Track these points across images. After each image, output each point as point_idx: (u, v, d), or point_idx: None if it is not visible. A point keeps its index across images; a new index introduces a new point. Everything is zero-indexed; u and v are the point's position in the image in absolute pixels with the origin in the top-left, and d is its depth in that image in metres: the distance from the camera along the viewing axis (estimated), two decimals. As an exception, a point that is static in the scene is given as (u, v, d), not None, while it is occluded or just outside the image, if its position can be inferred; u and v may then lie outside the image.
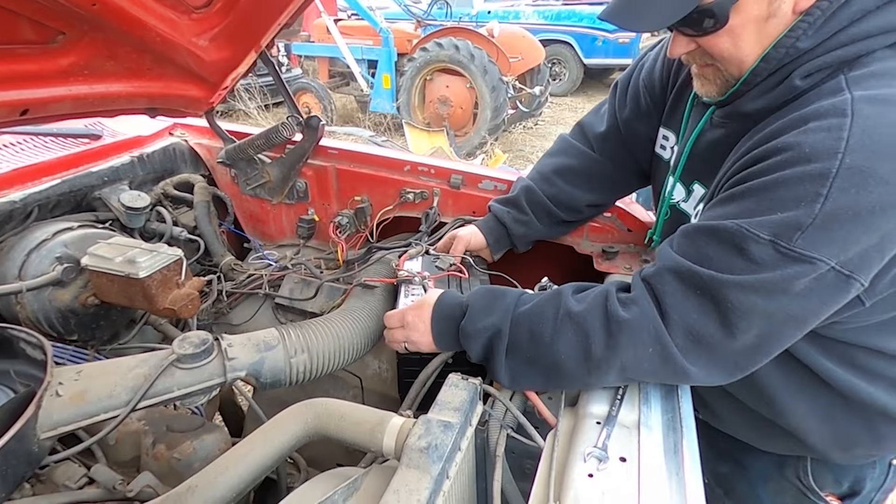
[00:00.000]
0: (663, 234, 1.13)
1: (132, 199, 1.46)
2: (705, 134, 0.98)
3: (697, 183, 1.00)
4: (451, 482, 0.74)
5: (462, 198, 1.50)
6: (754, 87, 0.84)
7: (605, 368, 0.82)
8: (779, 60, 0.79)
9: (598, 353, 0.81)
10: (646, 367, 0.81)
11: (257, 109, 6.83)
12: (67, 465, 0.93)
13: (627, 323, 0.80)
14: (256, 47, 1.36)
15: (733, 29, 0.78)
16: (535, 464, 0.95)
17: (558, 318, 0.86)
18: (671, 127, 1.13)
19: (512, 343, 0.89)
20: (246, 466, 0.77)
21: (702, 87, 0.92)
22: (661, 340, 0.78)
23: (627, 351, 0.80)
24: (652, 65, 1.18)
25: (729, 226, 0.75)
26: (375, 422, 0.79)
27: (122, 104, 1.29)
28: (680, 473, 0.71)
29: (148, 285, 1.12)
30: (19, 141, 1.47)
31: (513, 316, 0.90)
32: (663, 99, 1.16)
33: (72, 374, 0.89)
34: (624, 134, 1.24)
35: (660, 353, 0.79)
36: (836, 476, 1.06)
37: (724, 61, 0.84)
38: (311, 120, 1.56)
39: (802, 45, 0.77)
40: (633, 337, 0.80)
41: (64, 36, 1.01)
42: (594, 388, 0.88)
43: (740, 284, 0.73)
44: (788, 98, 0.80)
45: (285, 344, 1.04)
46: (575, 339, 0.83)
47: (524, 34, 6.63)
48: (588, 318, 0.83)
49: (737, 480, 1.18)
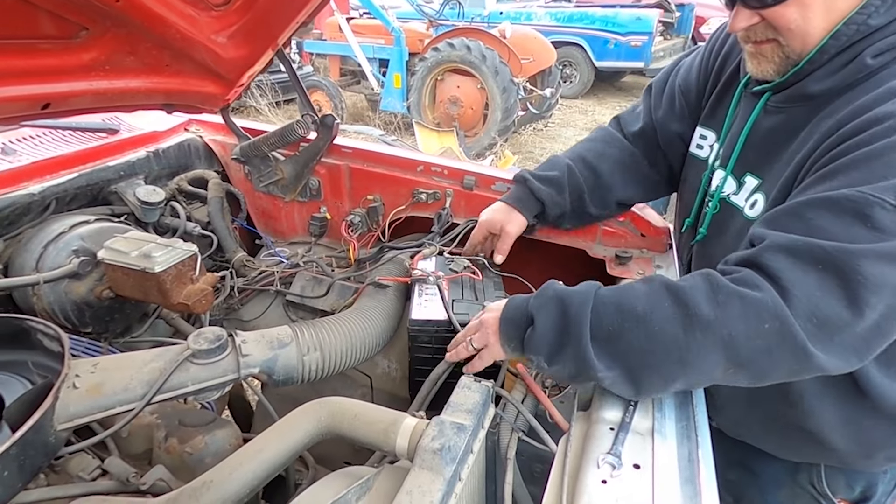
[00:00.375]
0: (711, 229, 1.07)
1: (147, 194, 1.47)
2: (760, 122, 0.95)
3: (749, 174, 0.97)
4: (463, 484, 0.74)
5: (475, 199, 1.50)
6: (820, 66, 0.81)
7: (708, 341, 0.71)
8: (849, 38, 0.77)
9: (703, 320, 0.71)
10: (758, 344, 0.70)
11: (268, 106, 6.86)
12: (81, 457, 0.93)
13: (740, 294, 0.71)
14: (273, 45, 1.36)
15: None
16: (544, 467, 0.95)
17: (652, 291, 0.77)
18: (711, 126, 1.12)
19: (594, 315, 0.78)
20: (260, 463, 0.77)
21: (758, 66, 0.89)
22: (781, 316, 0.69)
23: (738, 323, 0.70)
24: (689, 68, 1.19)
25: (849, 193, 0.69)
26: (389, 422, 0.79)
27: (140, 99, 1.30)
28: (695, 483, 0.70)
29: (163, 280, 1.13)
30: (38, 134, 1.49)
31: (598, 292, 0.81)
32: (699, 101, 1.16)
33: (88, 367, 0.90)
34: (659, 134, 1.25)
35: (778, 330, 0.69)
36: (848, 481, 1.05)
37: (788, 34, 0.81)
38: (326, 118, 1.57)
39: (874, 21, 0.75)
40: (746, 309, 0.70)
41: (87, 31, 1.02)
42: (690, 371, 0.74)
43: (871, 253, 0.67)
44: (858, 77, 0.78)
45: (298, 342, 1.04)
46: (673, 308, 0.74)
47: (536, 36, 6.61)
48: (689, 288, 0.74)
49: (747, 487, 1.17)
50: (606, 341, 0.77)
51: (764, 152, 0.94)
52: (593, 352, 0.77)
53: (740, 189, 0.99)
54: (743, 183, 0.99)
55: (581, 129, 7.53)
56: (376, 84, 6.82)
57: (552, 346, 0.81)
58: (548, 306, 0.82)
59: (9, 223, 1.25)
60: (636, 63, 8.53)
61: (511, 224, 1.25)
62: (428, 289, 1.20)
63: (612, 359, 0.77)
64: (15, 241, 1.26)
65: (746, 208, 0.97)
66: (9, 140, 1.42)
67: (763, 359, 0.72)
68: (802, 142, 0.85)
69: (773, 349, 0.71)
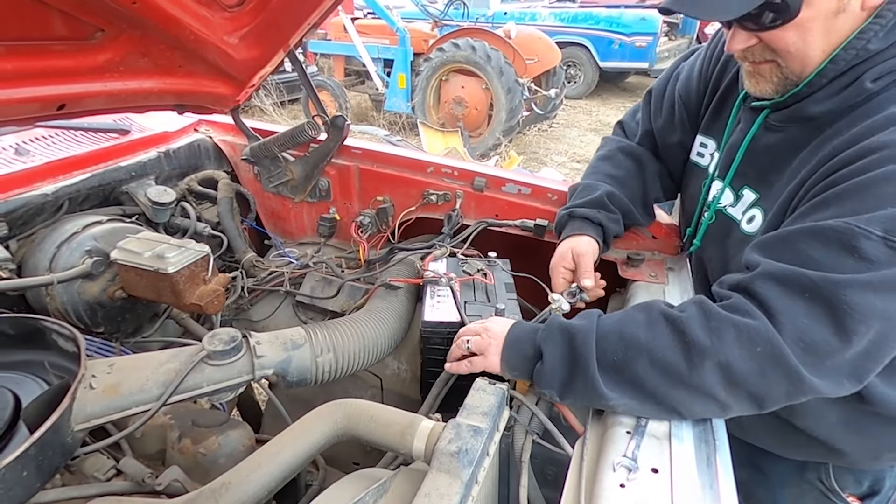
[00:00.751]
0: (706, 240, 1.09)
1: (158, 195, 1.47)
2: (759, 138, 0.95)
3: (748, 188, 0.98)
4: (480, 487, 0.74)
5: (485, 201, 1.50)
6: (819, 89, 0.82)
7: (707, 366, 0.74)
8: (848, 62, 0.78)
9: (699, 346, 0.74)
10: (753, 367, 0.73)
11: (273, 106, 6.87)
12: (96, 457, 0.94)
13: (731, 320, 0.75)
14: (285, 47, 1.36)
15: (802, 23, 0.76)
16: (557, 470, 0.95)
17: (651, 319, 0.80)
18: (711, 134, 1.12)
19: (598, 346, 0.80)
20: (277, 465, 0.77)
21: (756, 86, 0.89)
22: (773, 341, 0.72)
23: (732, 348, 0.73)
24: (688, 74, 1.18)
25: (835, 225, 0.71)
26: (405, 424, 0.79)
27: (152, 100, 1.30)
28: (714, 487, 0.70)
29: (176, 280, 1.13)
30: (51, 134, 1.50)
31: (599, 323, 0.83)
32: (699, 108, 1.15)
33: (104, 367, 0.90)
34: (658, 141, 1.25)
35: (770, 353, 0.72)
36: (856, 477, 1.07)
37: (787, 57, 0.81)
38: (336, 119, 1.57)
39: (873, 46, 0.76)
40: (739, 335, 0.73)
41: (103, 33, 1.02)
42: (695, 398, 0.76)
43: (856, 283, 0.69)
44: (859, 101, 0.79)
45: (312, 343, 1.05)
46: (672, 336, 0.77)
47: (541, 36, 6.60)
48: (685, 318, 0.77)
49: (755, 486, 1.18)
50: (613, 371, 0.79)
51: (762, 168, 0.94)
52: (602, 381, 0.79)
53: (738, 201, 1.00)
54: (741, 196, 0.99)
55: (585, 130, 7.52)
56: (381, 84, 6.82)
57: (563, 380, 0.83)
58: (554, 338, 0.84)
59: (22, 223, 1.26)
60: (641, 63, 8.51)
61: (578, 246, 1.17)
62: (440, 290, 1.20)
63: (621, 387, 0.79)
64: (28, 241, 1.26)
65: (744, 222, 0.97)
66: (22, 140, 1.43)
67: (758, 381, 0.74)
68: (803, 162, 0.86)
69: (766, 371, 0.73)
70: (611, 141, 1.36)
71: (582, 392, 0.81)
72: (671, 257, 1.33)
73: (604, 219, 1.20)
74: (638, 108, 1.34)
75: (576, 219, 1.22)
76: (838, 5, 0.75)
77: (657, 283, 1.23)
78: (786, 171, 0.89)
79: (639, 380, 0.78)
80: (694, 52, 1.23)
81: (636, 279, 1.25)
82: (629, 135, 1.33)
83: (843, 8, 0.75)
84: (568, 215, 1.23)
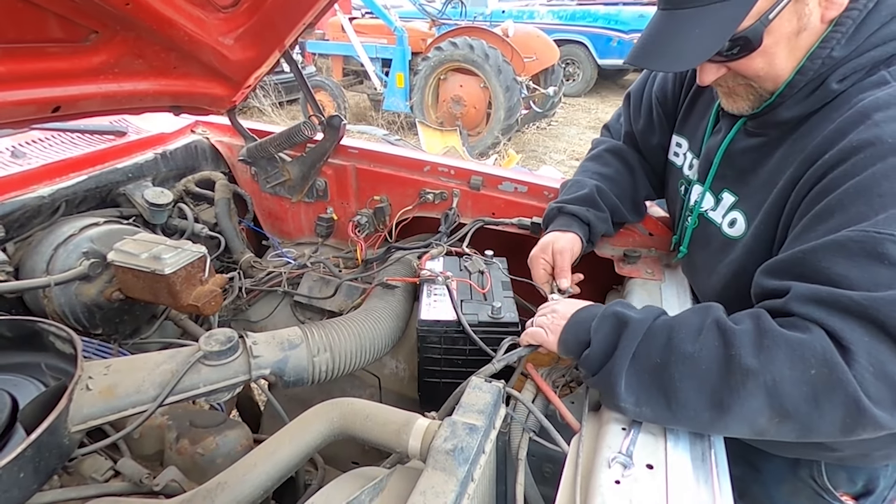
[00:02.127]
0: (692, 245, 1.09)
1: (155, 196, 1.48)
2: (736, 142, 0.97)
3: (727, 191, 0.99)
4: (476, 485, 0.74)
5: (482, 199, 1.50)
6: (789, 97, 0.85)
7: (750, 384, 0.68)
8: (815, 71, 0.80)
9: (744, 362, 0.69)
10: (805, 392, 0.67)
11: (271, 106, 6.87)
12: (94, 458, 0.94)
13: (787, 338, 0.69)
14: (280, 47, 1.37)
15: (766, 49, 0.79)
16: (554, 468, 0.95)
17: (704, 327, 0.75)
18: (684, 134, 1.14)
19: (643, 344, 0.77)
20: (274, 464, 0.78)
21: (733, 105, 0.92)
22: (831, 361, 0.66)
23: (783, 368, 0.68)
24: (664, 76, 1.20)
25: (853, 235, 0.69)
26: (401, 423, 0.79)
27: (148, 102, 1.31)
28: (709, 482, 0.70)
29: (173, 282, 1.14)
30: (47, 137, 1.50)
31: (655, 321, 0.80)
32: (676, 107, 1.17)
33: (101, 369, 0.90)
34: (639, 143, 1.27)
35: (826, 378, 0.66)
36: (850, 475, 1.06)
37: (758, 79, 0.84)
38: (332, 119, 1.57)
39: (837, 54, 0.78)
40: (792, 354, 0.68)
41: (97, 35, 1.02)
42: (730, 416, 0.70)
43: None
44: (826, 101, 0.82)
45: (309, 343, 1.05)
46: (721, 349, 0.72)
47: (539, 34, 6.60)
48: (738, 331, 0.73)
49: (750, 483, 1.18)
50: (648, 372, 0.76)
51: (740, 170, 0.96)
52: (623, 383, 0.77)
53: (718, 205, 1.01)
54: (720, 199, 1.00)
55: (584, 128, 7.52)
56: (379, 84, 6.82)
57: (595, 367, 0.82)
58: (604, 328, 0.82)
59: (19, 226, 1.26)
60: (639, 61, 8.50)
61: (558, 242, 1.17)
62: (437, 289, 1.20)
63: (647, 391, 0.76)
64: (25, 243, 1.27)
65: (725, 225, 0.98)
66: (18, 143, 1.43)
67: (808, 408, 0.67)
68: (778, 164, 0.88)
69: (819, 397, 0.66)
70: (599, 142, 1.38)
71: (602, 386, 0.80)
72: (668, 254, 1.33)
73: (592, 217, 1.21)
74: (621, 110, 1.36)
75: (565, 214, 1.23)
76: (798, 25, 0.78)
77: (654, 281, 1.23)
78: (762, 171, 0.91)
79: (673, 388, 0.73)
80: None
81: (633, 276, 1.25)
82: (615, 137, 1.35)
83: (804, 27, 0.78)
84: (557, 210, 1.24)
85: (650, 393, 0.76)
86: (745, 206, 0.94)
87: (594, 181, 1.25)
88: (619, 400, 0.77)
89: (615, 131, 1.36)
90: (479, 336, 1.09)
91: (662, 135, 1.22)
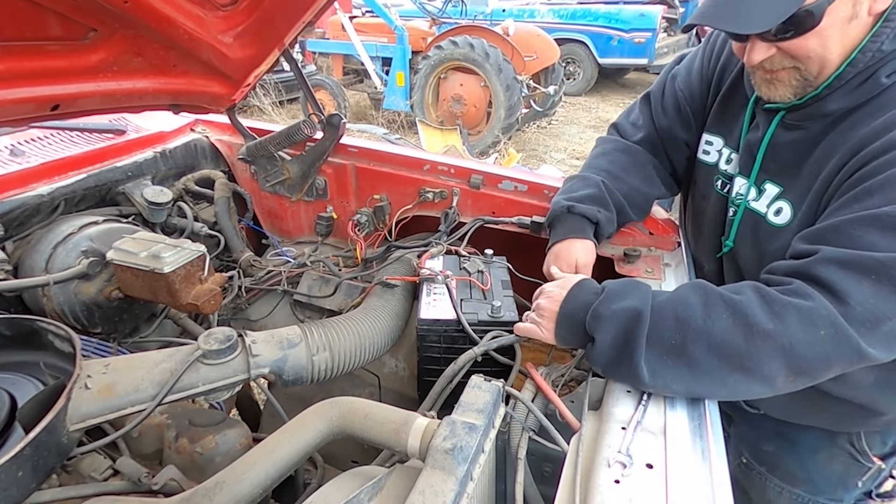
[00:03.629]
0: (739, 238, 1.09)
1: (155, 195, 1.47)
2: (777, 136, 0.99)
3: (769, 182, 1.01)
4: (475, 484, 0.74)
5: (482, 198, 1.50)
6: (837, 89, 0.87)
7: (769, 349, 0.76)
8: (865, 63, 0.84)
9: (762, 330, 0.76)
10: (817, 351, 0.76)
11: (272, 105, 6.87)
12: (93, 457, 0.94)
13: (794, 304, 0.77)
14: (280, 45, 1.36)
15: (823, 30, 0.81)
16: (554, 467, 0.95)
17: (708, 302, 0.81)
18: (717, 132, 1.15)
19: (653, 329, 0.81)
20: (273, 463, 0.77)
21: (773, 92, 0.93)
22: (836, 323, 0.75)
23: (797, 332, 0.75)
24: (687, 75, 1.22)
25: (891, 210, 0.76)
26: (400, 422, 0.79)
27: (147, 100, 1.30)
28: (709, 480, 0.70)
29: (172, 280, 1.13)
30: (47, 135, 1.50)
31: (653, 303, 0.84)
32: (703, 106, 1.19)
33: (100, 368, 0.90)
34: (664, 141, 1.27)
35: (833, 337, 0.75)
36: (883, 438, 1.12)
37: (807, 62, 0.86)
38: (332, 118, 1.57)
39: (886, 47, 0.82)
40: (802, 319, 0.76)
41: (95, 33, 1.02)
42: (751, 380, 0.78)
43: None
44: (873, 95, 0.85)
45: (308, 342, 1.04)
46: (732, 319, 0.78)
47: (539, 33, 6.59)
48: (745, 301, 0.79)
49: (784, 456, 1.21)
50: (669, 354, 0.80)
51: (783, 163, 0.99)
52: (646, 369, 0.81)
53: (760, 195, 1.03)
54: (763, 190, 1.02)
55: (585, 127, 7.51)
56: (379, 82, 6.81)
57: (609, 362, 0.85)
58: (606, 324, 0.85)
59: (18, 224, 1.26)
60: (640, 60, 8.48)
61: (582, 255, 1.17)
62: (436, 288, 1.20)
63: (675, 371, 0.80)
64: (24, 242, 1.27)
65: (770, 214, 1.00)
66: (17, 141, 1.43)
67: (821, 363, 0.77)
68: (823, 154, 0.91)
69: (829, 354, 0.76)
70: (606, 140, 1.37)
71: (626, 377, 0.85)
72: (668, 253, 1.33)
73: (602, 218, 1.20)
74: (631, 109, 1.36)
75: (576, 216, 1.20)
76: (852, 11, 0.81)
77: (654, 280, 1.23)
78: (806, 164, 0.94)
79: (696, 362, 0.79)
80: (682, 57, 1.27)
81: (632, 275, 1.25)
82: (623, 136, 1.34)
83: (856, 14, 0.81)
84: (567, 209, 1.20)
85: (676, 372, 0.80)
86: (791, 196, 0.97)
87: (601, 178, 1.24)
88: (648, 387, 0.82)
89: (624, 130, 1.34)
90: (479, 335, 1.09)
91: (688, 132, 1.23)
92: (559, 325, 0.92)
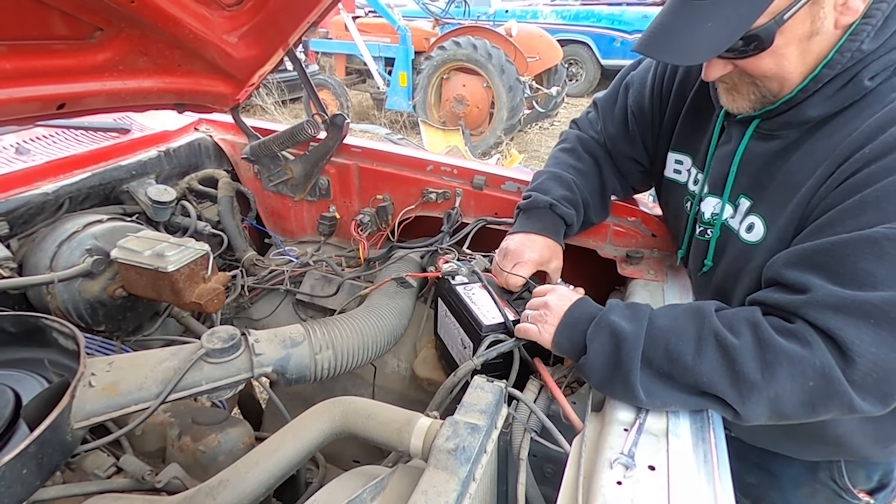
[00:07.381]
0: (716, 257, 1.03)
1: (159, 193, 1.48)
2: (753, 147, 0.93)
3: (743, 196, 0.95)
4: (477, 484, 0.74)
5: (485, 199, 1.50)
6: (815, 93, 0.82)
7: (755, 397, 0.74)
8: (843, 65, 0.78)
9: (750, 379, 0.73)
10: (803, 400, 0.73)
11: (274, 105, 6.88)
12: (96, 455, 0.94)
13: (787, 354, 0.73)
14: (284, 45, 1.36)
15: (777, 49, 0.77)
16: (555, 468, 0.95)
17: (701, 338, 0.78)
18: (686, 150, 1.10)
19: (646, 355, 0.80)
20: (276, 462, 0.78)
21: (732, 103, 0.90)
22: (828, 376, 0.70)
23: (784, 383, 0.72)
24: (640, 90, 1.17)
25: (889, 233, 0.69)
26: (403, 422, 0.79)
27: (152, 99, 1.30)
28: (711, 483, 0.70)
29: (176, 279, 1.14)
30: (52, 134, 1.50)
31: (647, 328, 0.82)
32: (655, 124, 1.15)
33: (103, 366, 0.90)
34: (609, 149, 1.25)
35: (823, 388, 0.71)
36: (867, 472, 1.08)
37: (764, 80, 0.83)
38: (335, 118, 1.57)
39: (866, 47, 0.76)
40: (793, 370, 0.72)
41: (101, 32, 1.02)
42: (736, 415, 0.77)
43: None
44: (856, 99, 0.79)
45: (311, 340, 1.05)
46: (721, 361, 0.76)
47: (542, 34, 6.59)
48: (738, 346, 0.75)
49: (766, 489, 1.18)
50: (659, 377, 0.80)
51: (754, 175, 0.93)
52: (642, 389, 0.80)
53: (735, 212, 0.97)
54: (737, 205, 0.97)
55: (587, 128, 7.49)
56: (382, 83, 6.82)
57: (603, 379, 0.85)
58: (601, 338, 0.84)
59: (23, 222, 1.27)
60: (642, 61, 8.49)
61: (557, 259, 1.19)
62: (471, 290, 1.14)
63: (667, 393, 0.81)
64: (29, 239, 1.27)
65: (742, 231, 0.94)
66: (23, 140, 1.43)
67: (805, 411, 0.74)
68: (799, 164, 0.85)
69: (816, 404, 0.73)
70: (570, 135, 1.34)
71: (621, 395, 0.84)
72: (670, 255, 1.33)
73: (575, 222, 1.20)
74: (590, 108, 1.33)
75: (556, 216, 1.18)
76: (811, 29, 0.76)
77: (656, 282, 1.23)
78: (777, 174, 0.88)
79: (684, 392, 0.80)
80: (640, 62, 1.21)
81: (635, 277, 1.25)
82: (584, 132, 1.31)
83: (818, 31, 0.76)
84: (549, 206, 1.18)
85: (670, 394, 0.80)
86: (762, 210, 0.91)
87: (572, 177, 1.22)
88: (646, 406, 0.82)
89: (583, 126, 1.32)
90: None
91: (635, 148, 1.20)
92: (560, 330, 0.91)
